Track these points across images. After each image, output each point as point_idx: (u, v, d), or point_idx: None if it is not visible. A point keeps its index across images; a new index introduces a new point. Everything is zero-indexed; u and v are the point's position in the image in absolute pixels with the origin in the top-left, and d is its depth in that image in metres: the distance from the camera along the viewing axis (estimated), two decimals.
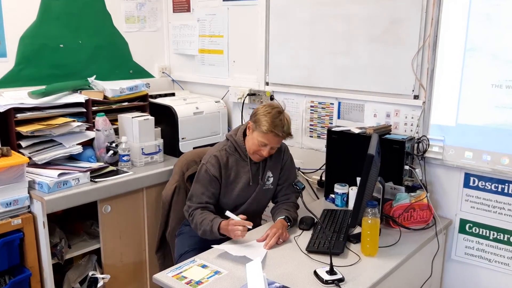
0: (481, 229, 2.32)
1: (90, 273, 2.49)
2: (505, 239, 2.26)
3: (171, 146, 2.91)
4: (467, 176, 2.31)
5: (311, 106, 2.82)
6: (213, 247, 2.00)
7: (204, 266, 1.87)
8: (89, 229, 2.61)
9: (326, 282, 1.73)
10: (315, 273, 1.79)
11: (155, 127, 2.85)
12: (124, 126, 2.78)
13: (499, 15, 2.10)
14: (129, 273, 2.66)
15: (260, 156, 2.22)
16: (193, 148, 2.93)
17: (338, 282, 1.73)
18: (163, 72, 3.57)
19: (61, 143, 2.48)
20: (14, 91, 2.67)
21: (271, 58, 2.94)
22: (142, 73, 3.45)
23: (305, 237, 2.11)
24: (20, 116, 2.41)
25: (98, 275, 2.47)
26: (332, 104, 2.72)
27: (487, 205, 2.29)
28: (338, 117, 2.71)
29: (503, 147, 2.17)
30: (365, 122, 2.60)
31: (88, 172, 2.43)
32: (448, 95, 2.28)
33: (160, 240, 2.64)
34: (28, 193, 2.26)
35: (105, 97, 2.82)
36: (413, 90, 2.39)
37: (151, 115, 2.83)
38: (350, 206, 2.44)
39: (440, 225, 2.25)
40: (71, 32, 3.00)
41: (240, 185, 2.27)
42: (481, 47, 2.16)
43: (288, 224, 2.17)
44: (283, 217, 2.17)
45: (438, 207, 2.38)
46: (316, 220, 2.21)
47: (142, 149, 2.72)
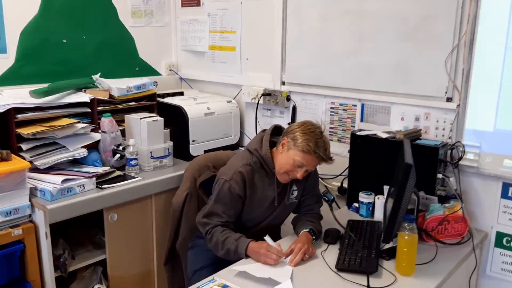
0: None
1: (96, 286, 2.34)
2: None
3: (181, 149, 2.74)
4: (506, 186, 2.14)
5: (332, 108, 2.65)
6: (233, 267, 1.82)
7: (225, 287, 1.69)
8: (94, 239, 2.44)
9: None
10: None
11: (164, 129, 2.67)
12: (132, 128, 2.60)
13: None
14: (136, 286, 2.49)
15: (291, 178, 2.01)
16: (204, 151, 2.77)
17: None
18: (171, 70, 3.40)
19: (65, 146, 2.33)
20: (15, 90, 2.52)
21: (288, 56, 2.76)
22: (149, 71, 3.29)
23: (332, 252, 1.94)
24: (21, 117, 2.26)
25: None
26: (355, 106, 2.55)
27: None
28: (362, 120, 2.53)
29: None
30: (391, 126, 2.42)
31: (94, 178, 2.26)
32: (486, 98, 2.11)
33: (170, 251, 2.47)
34: (30, 201, 2.11)
35: (111, 96, 2.66)
36: (446, 92, 2.21)
37: (159, 116, 2.65)
38: (376, 217, 2.27)
39: (477, 239, 2.08)
40: (75, 27, 2.85)
41: (264, 205, 2.08)
42: None
43: (313, 238, 1.99)
44: (308, 230, 2.00)
45: (473, 219, 2.21)
46: (342, 233, 2.05)
47: (151, 153, 2.55)
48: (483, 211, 2.21)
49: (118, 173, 2.43)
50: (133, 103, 2.73)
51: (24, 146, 2.24)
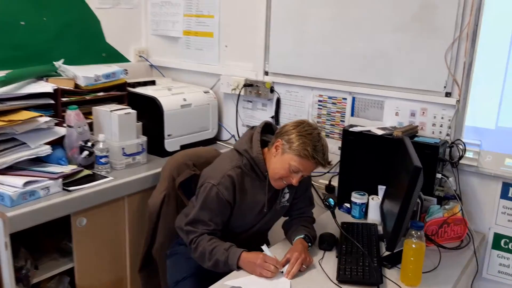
0: None
1: None
2: None
3: (155, 145, 2.52)
4: (506, 186, 2.05)
5: (319, 101, 2.48)
6: (225, 283, 1.64)
7: None
8: (60, 245, 2.19)
9: None
10: None
11: (136, 122, 2.44)
12: (101, 121, 2.35)
13: None
14: None
15: (286, 184, 1.83)
16: (180, 147, 2.56)
17: None
18: (140, 56, 3.14)
19: (25, 143, 2.07)
20: None
21: (272, 44, 2.57)
22: (116, 57, 3.02)
23: (330, 260, 1.80)
24: None
25: None
26: (345, 99, 2.39)
27: None
28: (352, 115, 2.38)
29: None
30: (385, 122, 2.29)
31: (60, 179, 2.01)
32: (488, 94, 2.00)
33: (145, 257, 2.26)
34: None
35: (77, 86, 2.39)
36: (445, 87, 2.09)
37: (130, 108, 2.41)
38: (370, 218, 2.15)
39: (477, 242, 1.98)
40: (34, 8, 2.57)
41: (255, 210, 1.90)
42: None
43: (309, 245, 1.83)
44: (303, 237, 1.83)
45: (471, 220, 2.11)
46: (337, 238, 1.90)
47: (123, 149, 2.32)
48: (481, 212, 2.12)
49: (87, 173, 2.18)
50: (102, 94, 2.47)
51: None
